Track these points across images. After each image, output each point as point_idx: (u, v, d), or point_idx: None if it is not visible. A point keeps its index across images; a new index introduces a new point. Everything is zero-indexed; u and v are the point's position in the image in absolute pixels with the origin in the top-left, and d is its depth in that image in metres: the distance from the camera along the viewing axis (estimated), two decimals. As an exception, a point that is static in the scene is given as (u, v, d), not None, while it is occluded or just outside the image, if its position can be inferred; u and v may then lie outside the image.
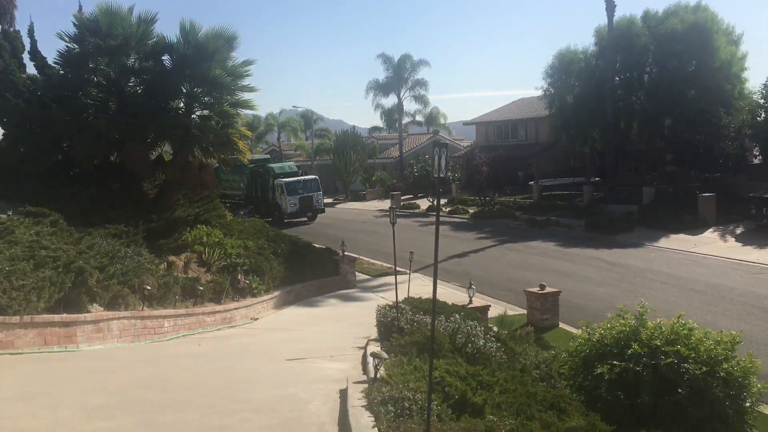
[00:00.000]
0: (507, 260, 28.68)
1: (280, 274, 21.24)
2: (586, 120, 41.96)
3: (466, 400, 6.87)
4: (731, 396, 8.92)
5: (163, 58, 25.33)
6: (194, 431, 7.07)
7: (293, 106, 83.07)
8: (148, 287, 14.29)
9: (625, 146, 43.68)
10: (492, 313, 18.09)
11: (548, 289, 19.07)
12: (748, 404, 9.22)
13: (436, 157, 5.55)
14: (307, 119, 79.96)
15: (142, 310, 13.82)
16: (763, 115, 39.45)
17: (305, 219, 43.90)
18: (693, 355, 9.01)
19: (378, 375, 7.71)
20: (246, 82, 26.22)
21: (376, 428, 6.19)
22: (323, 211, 44.84)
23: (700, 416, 8.64)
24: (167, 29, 48.79)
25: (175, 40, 25.07)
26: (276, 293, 20.54)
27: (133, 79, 25.37)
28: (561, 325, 18.79)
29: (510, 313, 19.02)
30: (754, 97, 40.63)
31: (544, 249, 30.85)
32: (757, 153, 40.62)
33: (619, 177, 43.99)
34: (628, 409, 8.87)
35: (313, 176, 46.76)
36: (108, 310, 12.81)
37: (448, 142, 65.47)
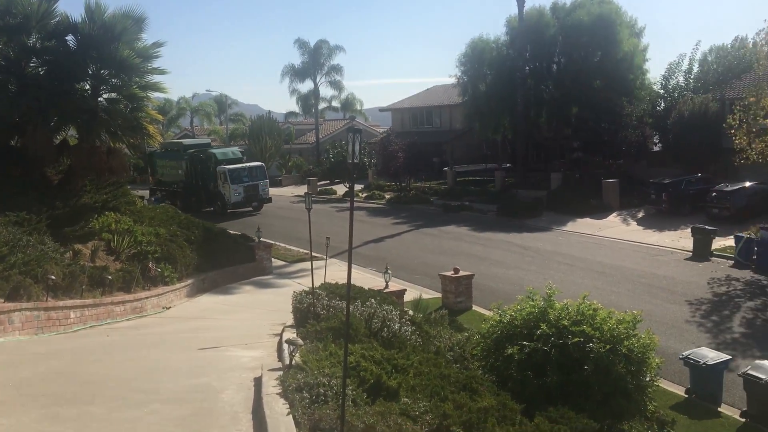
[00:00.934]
0: (422, 245, 29.08)
1: (194, 262, 20.76)
2: (498, 108, 42.90)
3: (381, 383, 6.95)
4: (633, 372, 9.40)
5: (67, 38, 24.09)
6: (101, 425, 6.84)
7: (206, 90, 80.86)
8: (53, 277, 13.67)
9: (534, 134, 44.97)
10: (408, 297, 18.29)
11: (462, 273, 19.48)
12: (648, 379, 9.75)
13: (351, 142, 5.55)
14: (221, 103, 78.25)
15: (46, 300, 13.21)
16: (662, 104, 41.52)
17: (250, 209, 41.02)
18: (597, 335, 9.43)
19: (293, 362, 7.68)
20: (156, 64, 25.31)
21: (290, 415, 6.17)
22: (270, 200, 41.93)
23: (605, 392, 9.07)
24: (71, 8, 46.13)
25: (80, 20, 23.86)
26: (189, 281, 20.07)
27: (34, 60, 24.00)
28: (474, 307, 19.24)
29: (425, 296, 19.32)
30: (655, 87, 42.70)
31: (458, 233, 31.47)
32: (657, 141, 42.75)
33: (529, 163, 45.28)
34: (537, 388, 9.19)
35: (258, 163, 43.94)
36: (8, 301, 12.17)
37: (363, 128, 65.55)
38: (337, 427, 5.49)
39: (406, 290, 18.68)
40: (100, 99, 25.15)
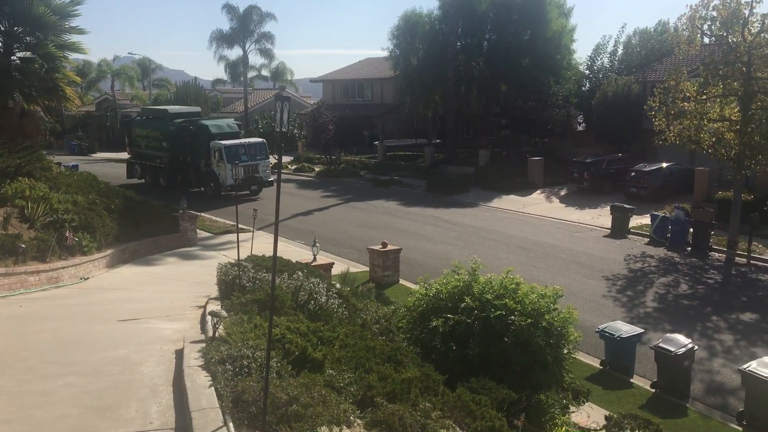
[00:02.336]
0: (351, 218, 29.07)
1: (114, 231, 20.05)
2: (430, 83, 43.06)
3: (306, 356, 6.90)
4: (551, 344, 9.68)
5: (-25, -9, 22.63)
6: (10, 398, 6.55)
7: (129, 53, 77.16)
8: (-41, 245, 12.94)
9: (464, 110, 45.45)
10: (335, 270, 18.29)
11: (390, 247, 19.61)
12: (565, 351, 10.07)
13: (279, 110, 5.41)
14: (145, 68, 75.37)
15: (-48, 269, 12.51)
16: (587, 85, 42.67)
17: (247, 192, 34.30)
18: (519, 308, 9.64)
19: (216, 334, 7.54)
20: (74, 22, 24.09)
21: (212, 387, 6.06)
22: (271, 183, 34.78)
23: (524, 363, 9.31)
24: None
25: (-10, -28, 22.44)
26: (109, 251, 19.39)
27: (-61, 15, 22.48)
28: (401, 281, 19.41)
29: (353, 270, 19.35)
30: (581, 68, 43.77)
31: (387, 208, 31.59)
32: (581, 120, 43.96)
33: (459, 140, 45.81)
34: (459, 359, 9.36)
35: (259, 139, 37.21)
36: None
37: (294, 98, 64.59)
38: (261, 399, 5.42)
39: (333, 264, 18.67)
40: (13, 58, 23.81)
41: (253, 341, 7.08)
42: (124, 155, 43.97)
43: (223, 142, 34.44)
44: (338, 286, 14.18)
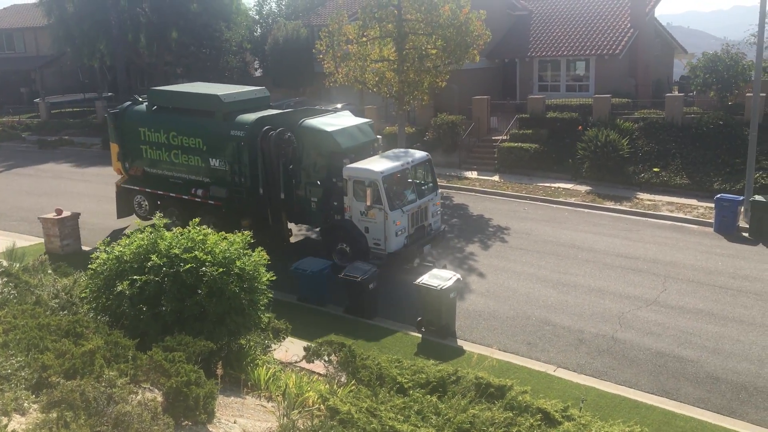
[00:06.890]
0: (16, 187, 25.90)
1: None
2: (91, 31, 39.46)
3: (-40, 348, 6.01)
4: (246, 289, 9.77)
5: None
6: None
7: None
8: None
9: (135, 60, 42.76)
10: (1, 247, 16.21)
11: (66, 213, 18.00)
12: (260, 294, 10.26)
13: None
14: None
15: None
16: (259, 30, 42.95)
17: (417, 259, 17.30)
18: (210, 259, 9.52)
19: None
20: None
21: None
22: (444, 235, 18.47)
23: (220, 312, 9.28)
24: None
25: None
26: None
27: None
28: (85, 248, 18.00)
29: (25, 243, 17.50)
30: (251, 13, 43.81)
31: (58, 171, 28.75)
32: (258, 66, 44.32)
33: (133, 91, 43.09)
34: (152, 319, 8.99)
35: (423, 154, 18.12)
36: None
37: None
38: None
39: (-3, 240, 16.54)
40: None
41: None
42: None
43: (375, 167, 16.43)
44: (5, 263, 12.61)
